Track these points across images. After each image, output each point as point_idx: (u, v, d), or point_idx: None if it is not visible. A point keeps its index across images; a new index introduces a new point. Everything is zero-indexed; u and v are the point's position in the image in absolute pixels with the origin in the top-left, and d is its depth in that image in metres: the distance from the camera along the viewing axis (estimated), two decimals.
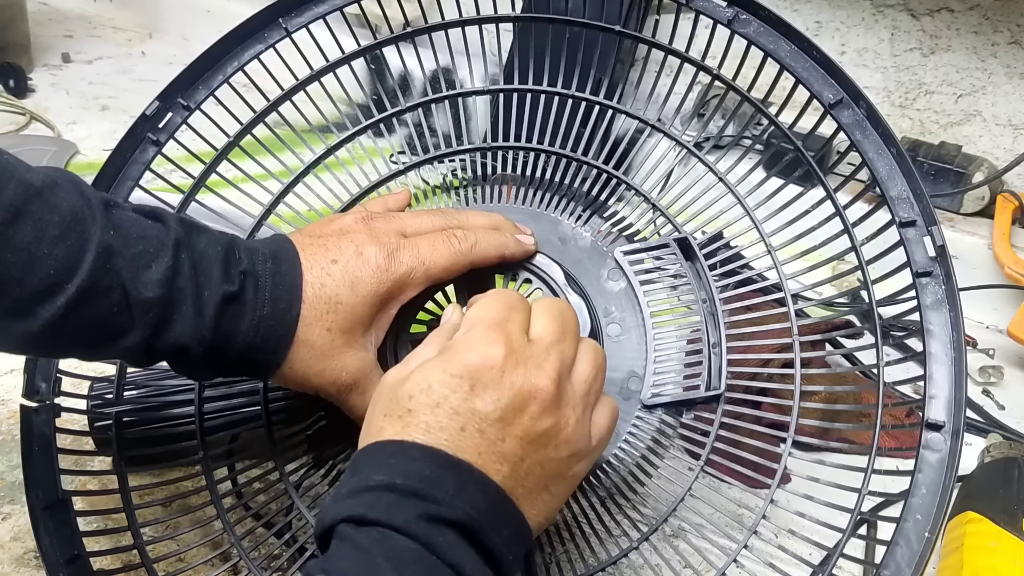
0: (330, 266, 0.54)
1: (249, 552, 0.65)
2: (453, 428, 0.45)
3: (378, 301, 0.55)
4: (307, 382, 0.55)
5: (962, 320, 0.55)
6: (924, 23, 1.14)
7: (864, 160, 0.61)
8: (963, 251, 1.07)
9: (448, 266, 0.58)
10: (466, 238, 0.59)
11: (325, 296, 0.54)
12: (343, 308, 0.54)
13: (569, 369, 0.50)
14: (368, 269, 0.55)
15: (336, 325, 0.54)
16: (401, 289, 0.56)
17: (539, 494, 0.47)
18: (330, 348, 0.54)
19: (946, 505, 0.52)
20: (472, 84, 0.77)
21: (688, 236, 0.66)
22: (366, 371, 0.56)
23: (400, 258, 0.56)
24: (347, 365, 0.55)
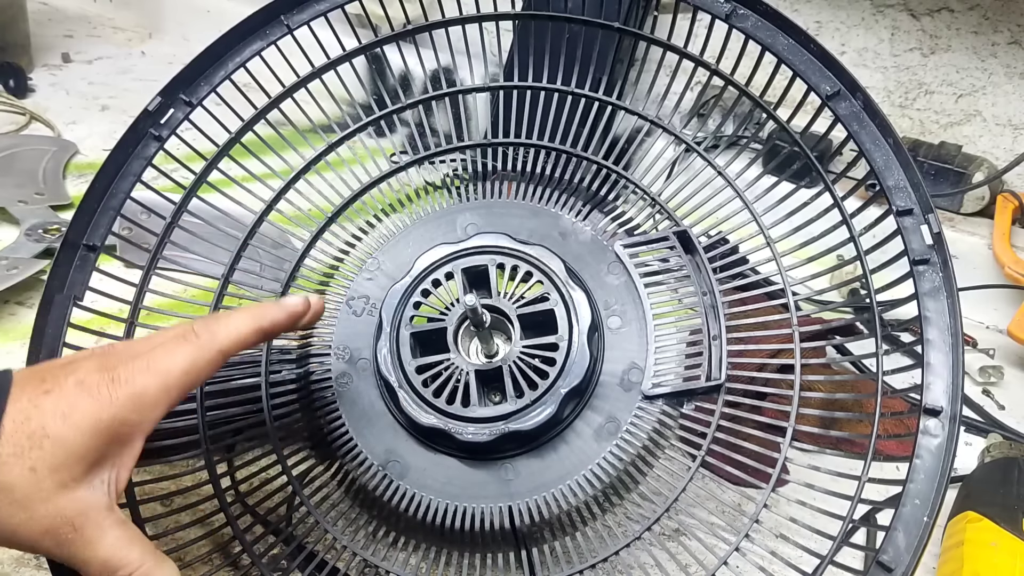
0: (40, 397, 0.47)
1: (252, 546, 0.65)
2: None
3: (104, 432, 0.47)
4: (13, 536, 0.46)
5: (959, 307, 0.56)
6: (924, 23, 1.14)
7: (861, 151, 0.61)
8: (963, 251, 1.07)
9: (188, 366, 0.50)
10: (206, 327, 0.52)
11: (28, 430, 0.45)
12: (51, 443, 0.46)
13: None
14: (87, 398, 0.47)
15: (42, 463, 0.45)
16: (137, 413, 0.48)
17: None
18: (35, 491, 0.45)
19: (944, 491, 0.53)
20: (472, 83, 0.77)
21: (687, 229, 0.66)
22: (90, 515, 0.47)
23: (126, 378, 0.48)
24: (61, 510, 0.46)
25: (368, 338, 0.68)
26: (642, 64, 0.81)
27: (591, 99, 0.74)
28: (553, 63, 0.76)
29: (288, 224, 0.78)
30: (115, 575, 0.48)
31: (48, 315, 0.69)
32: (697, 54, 0.69)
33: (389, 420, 0.66)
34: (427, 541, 0.65)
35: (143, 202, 0.74)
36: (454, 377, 0.63)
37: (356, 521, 0.66)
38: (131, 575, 0.48)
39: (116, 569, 0.48)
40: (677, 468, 0.62)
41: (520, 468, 0.62)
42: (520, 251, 0.66)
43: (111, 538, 0.48)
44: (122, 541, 0.48)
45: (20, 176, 1.22)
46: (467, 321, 0.64)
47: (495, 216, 0.71)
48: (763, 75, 0.68)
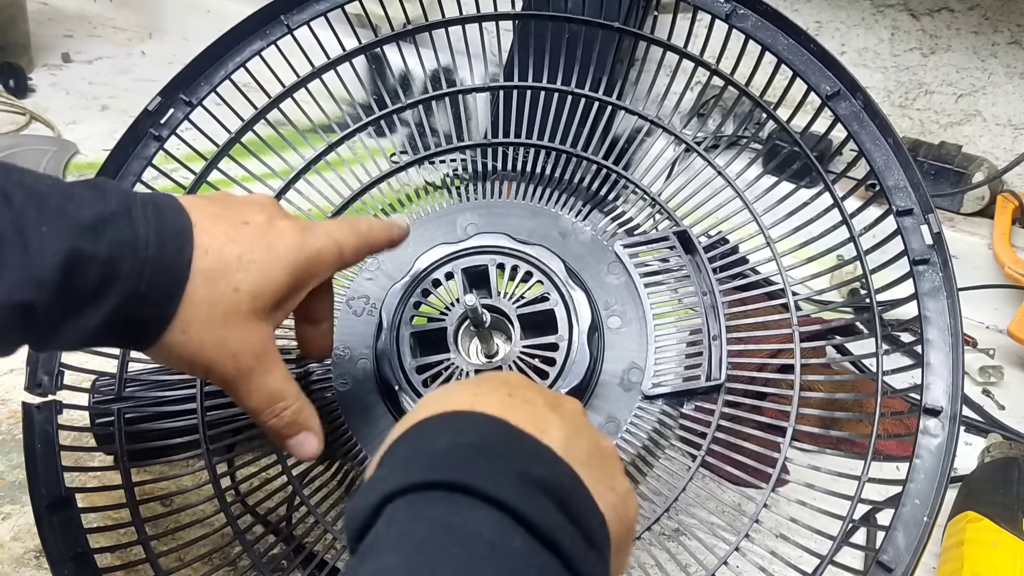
0: (240, 227, 0.47)
1: (252, 546, 0.65)
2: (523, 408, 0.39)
3: (296, 272, 0.49)
4: (201, 354, 0.46)
5: (959, 307, 0.56)
6: (924, 23, 1.14)
7: (861, 151, 0.61)
8: (963, 251, 1.07)
9: (356, 246, 0.53)
10: (360, 222, 0.55)
11: (234, 253, 0.46)
12: (256, 267, 0.46)
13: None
14: (284, 236, 0.48)
15: (247, 285, 0.46)
16: (316, 266, 0.50)
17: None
18: (235, 312, 0.46)
19: (944, 491, 0.53)
20: (472, 83, 0.78)
21: (687, 229, 0.66)
22: (270, 352, 0.49)
23: (315, 233, 0.50)
24: (249, 338, 0.47)
25: (368, 338, 0.68)
26: (642, 64, 0.81)
27: (591, 99, 0.74)
28: (553, 63, 0.76)
29: None
30: (276, 405, 0.50)
31: None
32: (697, 54, 0.69)
33: (389, 420, 0.66)
34: None
35: None
36: (454, 377, 0.63)
37: None
38: (289, 408, 0.50)
39: (280, 400, 0.50)
40: (677, 468, 0.62)
41: None
42: (520, 251, 0.66)
43: (281, 371, 0.50)
44: (287, 376, 0.50)
45: None
46: (467, 321, 0.64)
47: (495, 216, 0.71)
48: (763, 75, 0.68)
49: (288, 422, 0.51)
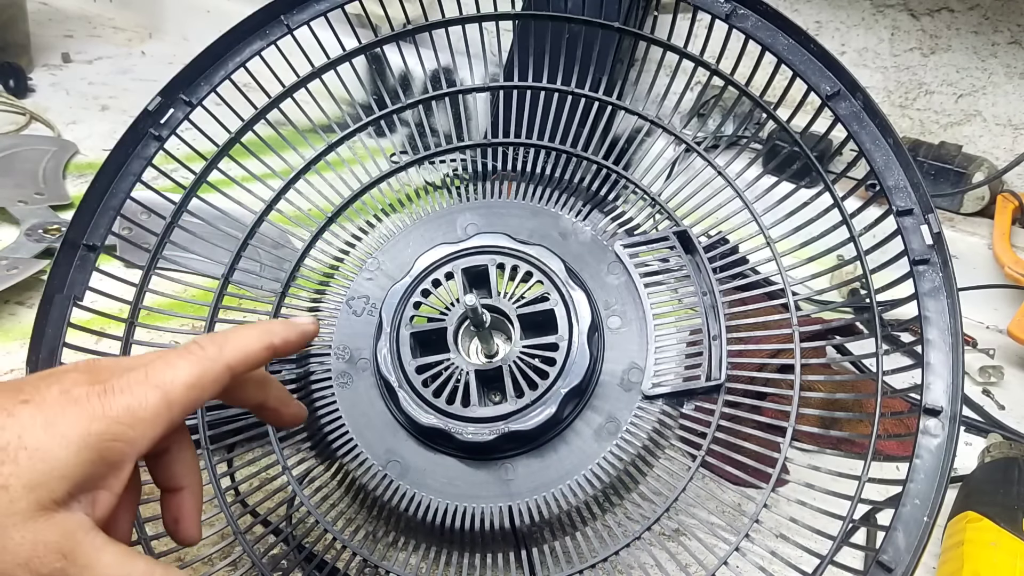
0: (17, 407, 0.39)
1: (252, 545, 0.65)
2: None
3: (93, 447, 0.39)
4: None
5: (959, 307, 0.56)
6: (924, 23, 1.14)
7: (861, 151, 0.61)
8: (963, 251, 1.07)
9: (193, 380, 0.43)
10: (212, 341, 0.45)
11: (2, 438, 0.38)
12: (28, 456, 0.38)
13: None
14: (74, 407, 0.40)
15: (17, 479, 0.37)
16: (132, 428, 0.40)
17: None
18: (7, 514, 0.37)
19: (944, 491, 0.53)
20: (472, 83, 0.77)
21: (687, 229, 0.66)
22: (78, 537, 0.39)
23: (120, 388, 0.41)
24: (40, 536, 0.38)
25: (368, 338, 0.68)
26: (642, 64, 0.81)
27: (591, 99, 0.74)
28: (553, 63, 0.76)
29: (288, 224, 0.78)
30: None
31: (48, 315, 0.69)
32: (697, 54, 0.69)
33: (389, 420, 0.66)
34: (427, 541, 0.65)
35: (143, 202, 0.74)
36: (454, 377, 0.63)
37: (356, 521, 0.66)
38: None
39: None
40: (677, 468, 0.62)
41: (520, 468, 0.62)
42: (520, 251, 0.66)
43: (109, 557, 0.40)
44: (122, 557, 0.41)
45: (20, 176, 1.23)
46: (467, 321, 0.64)
47: (495, 216, 0.71)
48: (763, 75, 0.68)
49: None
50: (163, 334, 0.80)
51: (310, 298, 0.73)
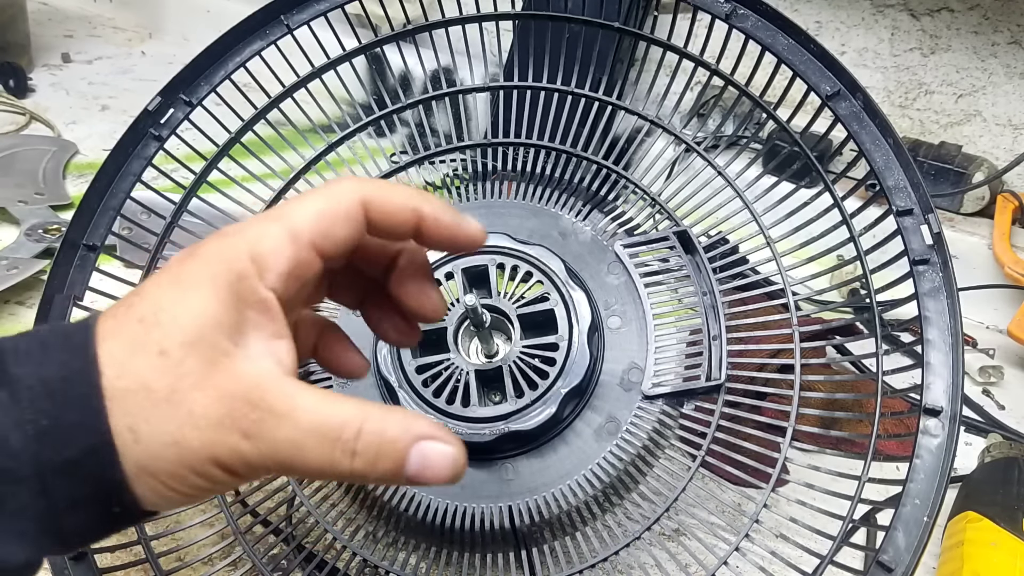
0: (145, 285, 0.35)
1: (252, 546, 0.65)
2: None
3: (225, 288, 0.34)
4: (180, 455, 0.32)
5: (959, 307, 0.56)
6: (924, 23, 1.14)
7: (861, 151, 0.61)
8: (963, 251, 1.07)
9: (320, 208, 0.36)
10: (352, 177, 0.40)
11: (135, 315, 0.33)
12: (169, 315, 0.33)
13: None
14: (196, 259, 0.35)
15: (171, 340, 0.33)
16: (257, 262, 0.35)
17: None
18: (178, 379, 0.32)
19: (944, 491, 0.53)
20: (472, 83, 0.78)
21: (687, 229, 0.66)
22: (268, 384, 0.34)
23: (239, 229, 0.36)
24: (225, 391, 0.33)
25: (368, 338, 0.68)
26: (642, 64, 0.81)
27: (591, 99, 0.74)
28: (553, 63, 0.76)
29: None
30: (338, 443, 0.33)
31: (48, 315, 0.69)
32: (697, 54, 0.69)
33: None
34: (427, 541, 0.65)
35: (143, 202, 0.74)
36: (454, 377, 0.63)
37: (356, 521, 0.66)
38: (359, 431, 0.34)
39: (337, 434, 0.33)
40: (677, 468, 0.62)
41: (520, 468, 0.62)
42: (520, 251, 0.66)
43: (307, 400, 0.34)
44: (323, 398, 0.34)
45: (20, 176, 1.23)
46: (467, 321, 0.64)
47: (495, 216, 0.71)
48: (763, 75, 0.68)
49: (375, 450, 0.34)
50: None
51: None
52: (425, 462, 0.34)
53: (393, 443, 0.34)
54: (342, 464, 0.33)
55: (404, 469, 0.34)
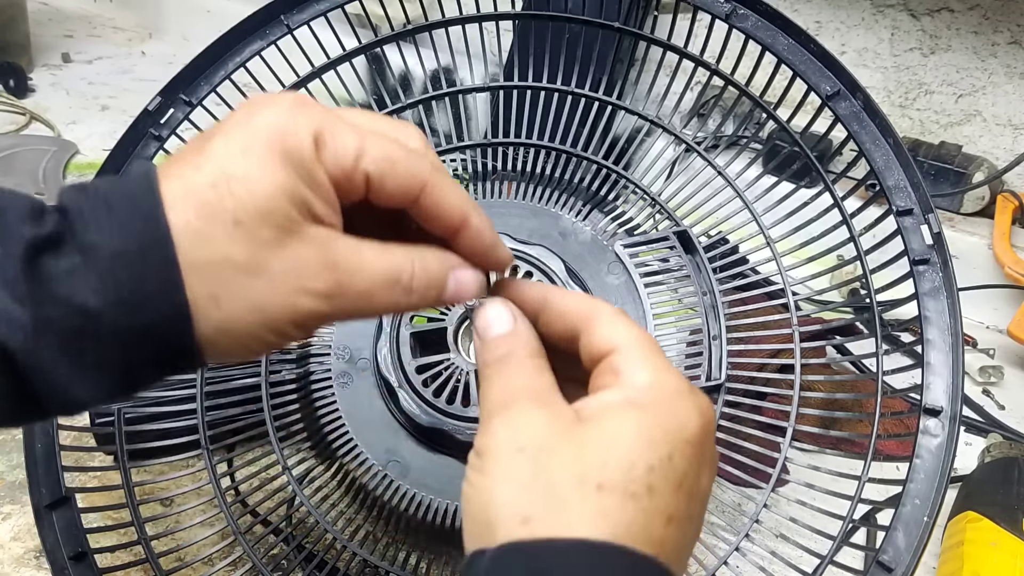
0: (208, 143, 0.35)
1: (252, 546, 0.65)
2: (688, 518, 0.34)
3: (294, 155, 0.34)
4: (267, 319, 0.34)
5: (959, 307, 0.56)
6: (924, 23, 1.14)
7: (861, 151, 0.61)
8: (963, 251, 1.07)
9: (389, 156, 0.36)
10: (424, 153, 0.38)
11: (207, 181, 0.33)
12: (241, 183, 0.33)
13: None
14: (264, 120, 0.35)
15: (245, 209, 0.33)
16: (326, 151, 0.35)
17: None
18: (258, 247, 0.33)
19: (944, 491, 0.53)
20: (472, 83, 0.78)
21: (687, 229, 0.66)
22: (334, 252, 0.35)
23: (312, 110, 0.36)
24: (302, 257, 0.34)
25: (368, 338, 0.68)
26: (642, 64, 0.81)
27: (591, 99, 0.74)
28: (553, 63, 0.76)
29: None
30: (398, 285, 0.36)
31: None
32: (697, 54, 0.69)
33: (389, 420, 0.66)
34: (427, 541, 0.65)
35: None
36: (454, 377, 0.63)
37: (356, 521, 0.66)
38: (413, 273, 0.37)
39: (397, 278, 0.36)
40: None
41: None
42: (520, 251, 0.66)
43: (370, 253, 0.36)
44: (380, 249, 0.36)
45: (20, 176, 1.23)
46: (467, 321, 0.64)
47: (495, 216, 0.71)
48: (763, 75, 0.68)
49: (426, 285, 0.37)
50: None
51: None
52: (458, 286, 0.38)
53: (438, 276, 0.38)
54: (401, 301, 0.37)
55: (444, 293, 0.38)
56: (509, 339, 0.38)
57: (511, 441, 0.34)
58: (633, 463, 0.32)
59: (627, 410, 0.33)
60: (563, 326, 0.38)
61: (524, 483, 0.32)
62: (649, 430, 0.33)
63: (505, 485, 0.33)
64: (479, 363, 0.38)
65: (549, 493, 0.32)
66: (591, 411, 0.34)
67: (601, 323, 0.37)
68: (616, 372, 0.35)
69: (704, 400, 0.35)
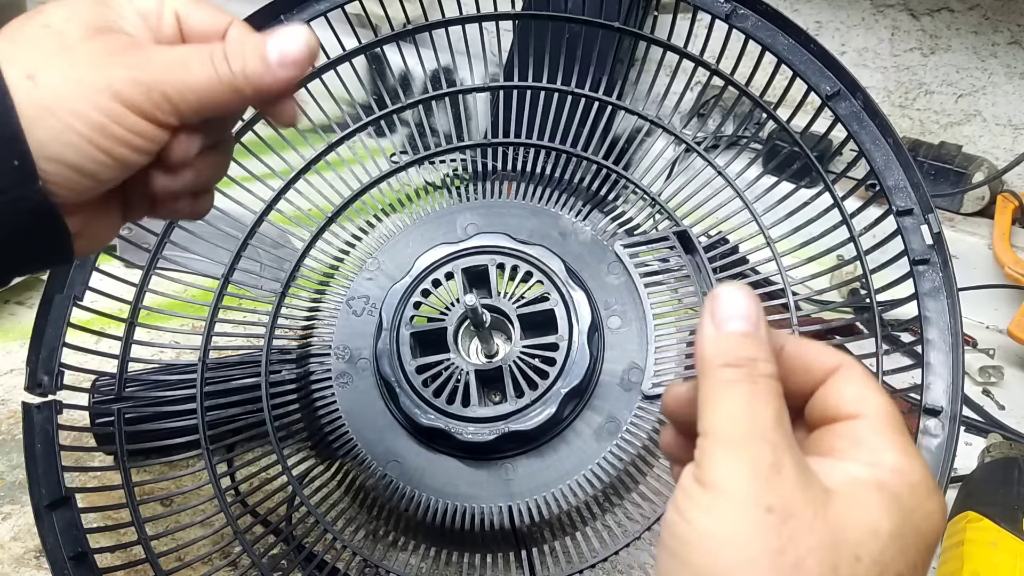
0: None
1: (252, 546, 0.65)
2: None
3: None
4: (88, 92, 0.34)
5: (959, 307, 0.56)
6: (924, 23, 1.14)
7: (861, 151, 0.61)
8: (963, 251, 1.07)
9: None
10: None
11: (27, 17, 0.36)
12: (57, 9, 0.36)
13: None
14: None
15: (55, 18, 0.36)
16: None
17: None
18: (67, 39, 0.35)
19: (944, 491, 0.53)
20: (472, 83, 0.78)
21: (687, 229, 0.66)
22: (148, 41, 0.37)
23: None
24: (115, 40, 0.36)
25: (368, 338, 0.68)
26: (642, 64, 0.81)
27: (591, 99, 0.74)
28: (553, 63, 0.76)
29: (288, 224, 0.78)
30: (213, 53, 0.36)
31: (48, 315, 0.69)
32: (697, 54, 0.69)
33: (389, 420, 0.66)
34: (427, 541, 0.65)
35: None
36: (454, 377, 0.63)
37: (356, 521, 0.66)
38: (228, 37, 0.38)
39: (208, 50, 0.36)
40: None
41: (520, 468, 0.62)
42: (520, 251, 0.66)
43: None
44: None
45: None
46: (467, 321, 0.64)
47: (495, 216, 0.71)
48: (763, 75, 0.68)
49: (240, 49, 0.36)
50: (163, 334, 0.80)
51: (310, 298, 0.73)
52: (283, 46, 0.37)
53: (253, 39, 0.37)
54: (223, 72, 0.36)
55: (269, 60, 0.36)
56: (754, 343, 0.31)
57: (758, 494, 0.28)
58: (884, 564, 0.28)
59: (880, 496, 0.29)
60: (803, 372, 0.33)
61: (769, 552, 0.27)
62: (901, 528, 0.29)
63: (745, 546, 0.27)
64: (704, 358, 0.31)
65: (795, 572, 0.27)
66: (837, 483, 0.29)
67: (851, 381, 0.32)
68: (858, 442, 0.31)
69: (943, 499, 0.31)
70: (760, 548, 0.27)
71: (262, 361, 0.69)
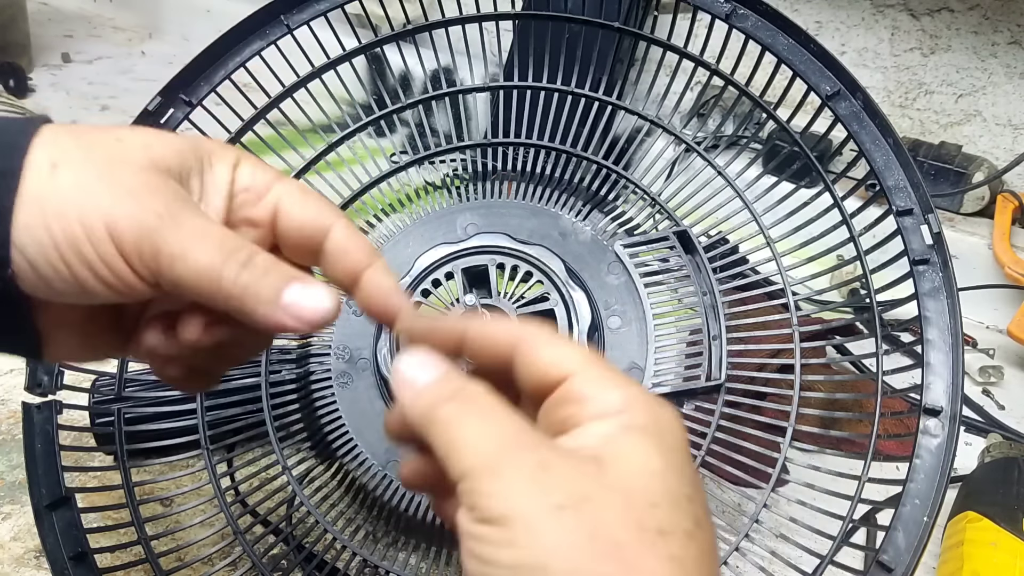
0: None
1: (252, 546, 0.65)
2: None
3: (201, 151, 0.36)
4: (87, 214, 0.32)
5: (959, 307, 0.56)
6: (924, 23, 1.14)
7: (861, 151, 0.61)
8: (963, 251, 1.07)
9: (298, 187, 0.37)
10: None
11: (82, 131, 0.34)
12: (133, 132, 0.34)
13: None
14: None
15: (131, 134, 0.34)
16: (243, 166, 0.37)
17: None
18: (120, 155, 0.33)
19: (944, 491, 0.53)
20: (472, 83, 0.77)
21: (687, 229, 0.66)
22: (189, 201, 0.34)
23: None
24: (157, 183, 0.33)
25: (368, 338, 0.68)
26: (642, 64, 0.81)
27: (591, 99, 0.74)
28: (553, 63, 0.76)
29: None
30: (237, 253, 0.33)
31: None
32: (697, 54, 0.69)
33: None
34: (427, 541, 0.65)
35: None
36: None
37: (356, 521, 0.66)
38: (256, 252, 0.34)
39: (234, 247, 0.33)
40: None
41: None
42: (520, 251, 0.66)
43: (216, 224, 0.35)
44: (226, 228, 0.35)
45: None
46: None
47: (495, 216, 0.71)
48: (763, 75, 0.68)
49: (264, 268, 0.34)
50: None
51: None
52: (304, 299, 0.34)
53: (282, 268, 0.34)
54: (229, 270, 0.33)
55: (283, 295, 0.33)
56: (449, 377, 0.33)
57: (543, 499, 0.27)
58: (675, 497, 0.29)
59: (634, 437, 0.29)
60: (490, 355, 0.34)
61: (582, 545, 0.26)
62: (666, 454, 0.29)
63: (564, 554, 0.26)
64: (422, 414, 0.31)
65: (615, 550, 0.26)
66: (595, 448, 0.29)
67: (540, 347, 0.32)
68: (582, 398, 0.30)
69: (669, 403, 0.32)
70: (574, 547, 0.26)
71: (262, 361, 0.69)
